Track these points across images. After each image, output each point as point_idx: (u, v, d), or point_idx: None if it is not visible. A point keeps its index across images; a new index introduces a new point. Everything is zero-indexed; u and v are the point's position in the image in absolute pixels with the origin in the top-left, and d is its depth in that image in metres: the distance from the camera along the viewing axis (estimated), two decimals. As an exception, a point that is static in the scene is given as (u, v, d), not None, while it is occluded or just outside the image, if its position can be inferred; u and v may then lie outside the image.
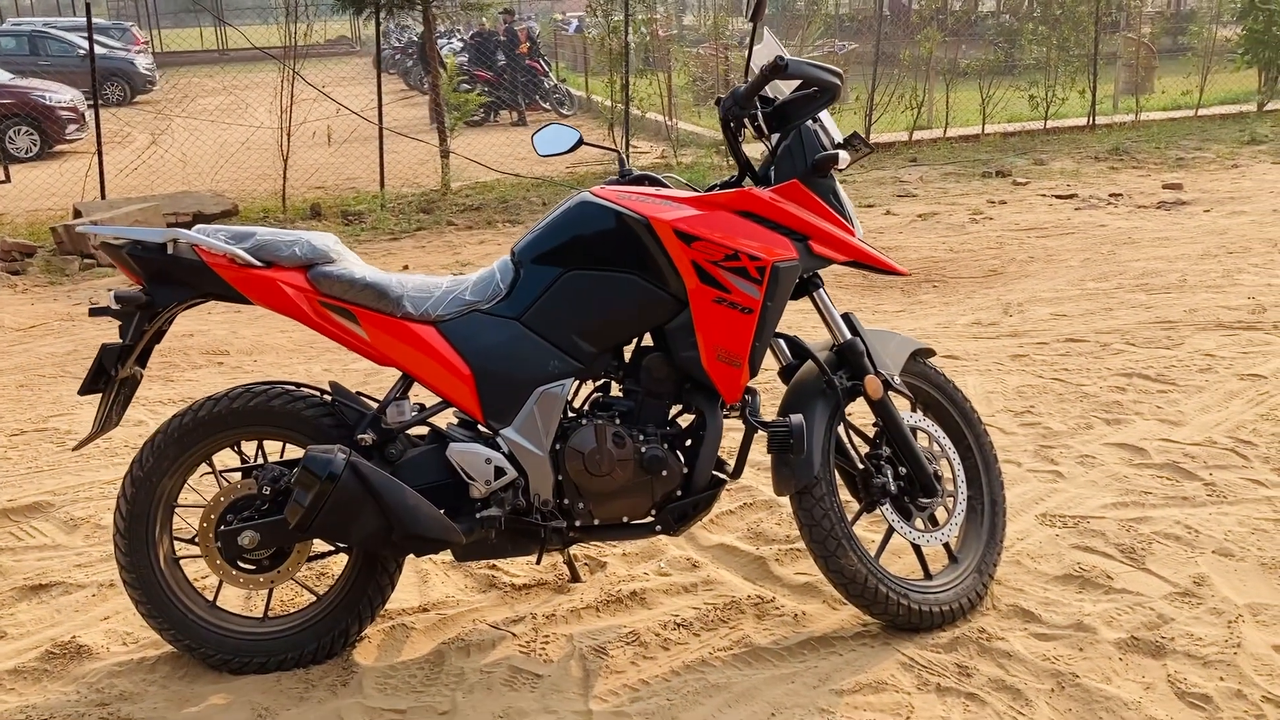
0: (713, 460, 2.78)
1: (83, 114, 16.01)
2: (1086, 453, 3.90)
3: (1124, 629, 2.84)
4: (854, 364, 2.86)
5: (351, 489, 2.54)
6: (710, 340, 2.67)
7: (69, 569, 3.29)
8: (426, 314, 2.70)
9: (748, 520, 3.50)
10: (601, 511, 2.75)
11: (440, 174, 11.06)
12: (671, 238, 2.64)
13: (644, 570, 3.22)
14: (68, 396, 4.92)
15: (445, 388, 2.70)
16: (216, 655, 2.75)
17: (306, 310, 2.67)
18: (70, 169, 12.07)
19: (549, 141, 3.14)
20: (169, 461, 2.72)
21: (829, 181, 2.80)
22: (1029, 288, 6.27)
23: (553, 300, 2.71)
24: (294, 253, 2.67)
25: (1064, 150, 11.56)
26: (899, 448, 2.91)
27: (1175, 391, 4.45)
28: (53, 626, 2.99)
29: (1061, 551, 3.24)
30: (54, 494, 3.80)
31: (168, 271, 2.66)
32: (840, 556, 2.78)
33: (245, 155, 11.83)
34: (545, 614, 3.00)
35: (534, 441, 2.70)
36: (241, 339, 5.80)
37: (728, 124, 2.80)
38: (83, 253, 8.50)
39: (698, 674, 2.73)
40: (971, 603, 2.94)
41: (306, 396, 2.76)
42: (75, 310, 6.75)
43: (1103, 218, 8.21)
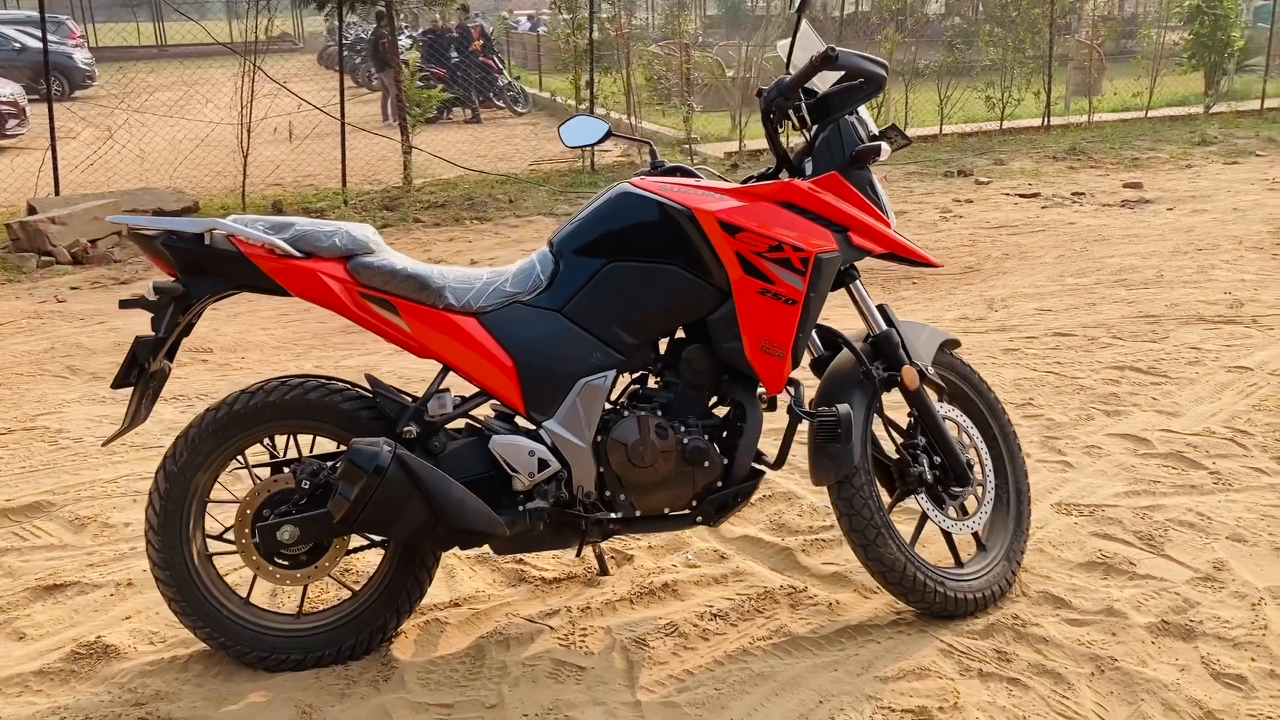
0: (753, 451, 2.78)
1: (24, 109, 15.63)
2: (1091, 443, 3.97)
3: (1153, 613, 2.89)
4: (890, 355, 2.88)
5: (398, 482, 2.50)
6: (754, 331, 2.67)
7: (81, 569, 3.21)
8: (468, 305, 2.67)
9: (768, 512, 3.51)
10: (643, 503, 2.74)
11: (402, 171, 10.95)
12: (716, 229, 2.64)
13: (672, 562, 3.22)
14: (52, 395, 4.79)
15: (487, 380, 2.67)
16: (252, 653, 2.69)
17: (346, 302, 2.62)
18: (16, 165, 11.75)
19: (577, 132, 3.13)
20: (203, 456, 2.67)
21: (867, 173, 2.82)
22: (1009, 284, 6.36)
23: (595, 291, 2.69)
24: (334, 243, 2.62)
25: (1022, 150, 11.76)
26: (933, 437, 2.94)
27: (1168, 383, 4.54)
28: (73, 627, 2.92)
29: (1082, 539, 3.29)
30: (53, 493, 3.70)
31: (204, 262, 2.60)
32: (880, 545, 2.80)
33: (202, 152, 11.61)
34: (579, 607, 2.99)
35: (576, 434, 2.68)
36: (224, 336, 5.69)
37: (769, 115, 2.80)
38: (40, 249, 8.30)
39: (740, 663, 2.73)
40: (1002, 589, 2.98)
41: (343, 389, 2.71)
42: (42, 308, 6.58)
43: (1070, 215, 8.36)
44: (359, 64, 22.18)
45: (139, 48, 31.36)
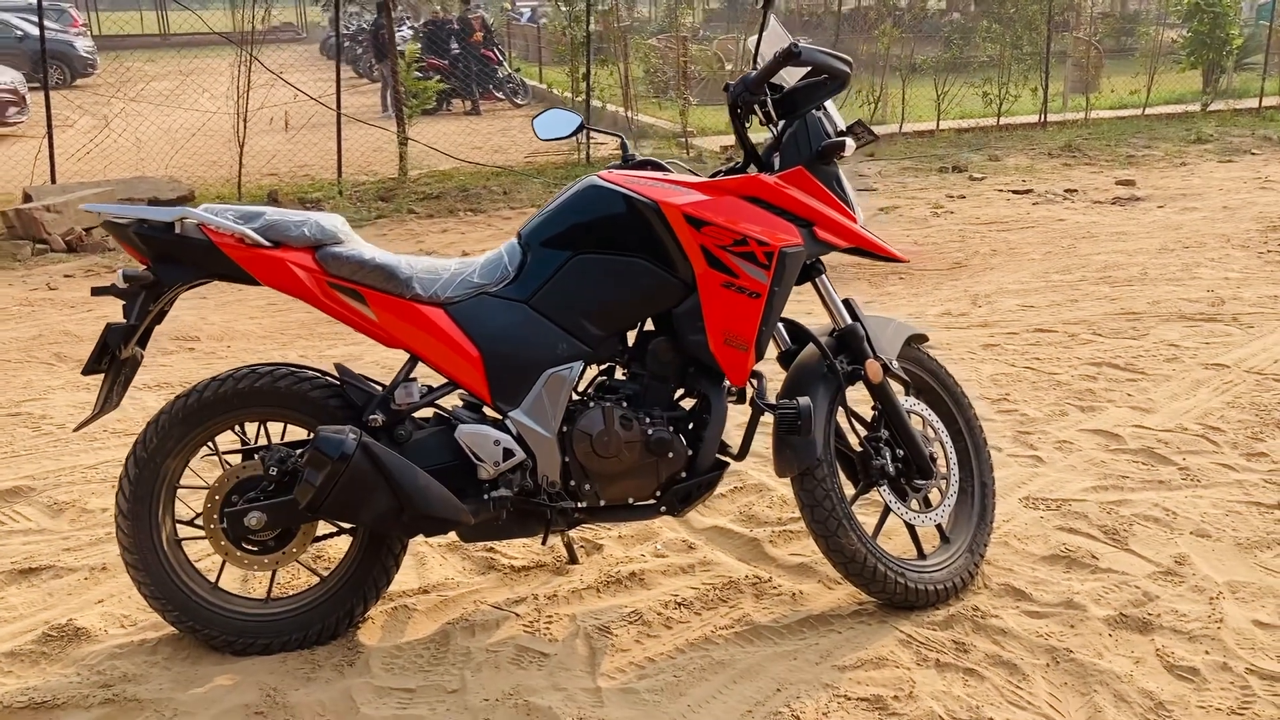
0: (717, 442, 2.82)
1: (23, 96, 15.65)
2: (1064, 438, 4.00)
3: (1112, 606, 2.93)
4: (855, 349, 2.91)
5: (363, 469, 2.54)
6: (718, 324, 2.71)
7: (57, 553, 3.25)
8: (435, 296, 2.71)
9: (739, 503, 3.55)
10: (608, 493, 2.78)
11: (398, 162, 10.98)
12: (681, 222, 2.67)
13: (640, 552, 3.26)
14: (38, 381, 4.84)
15: (454, 370, 2.71)
16: (220, 637, 2.73)
17: (314, 291, 2.66)
18: (13, 153, 11.81)
19: (550, 125, 3.15)
20: (173, 442, 2.70)
21: (833, 168, 2.86)
22: (994, 280, 6.40)
23: (561, 283, 2.73)
24: (303, 233, 2.66)
25: (1017, 146, 11.78)
26: (896, 430, 2.97)
27: (1144, 380, 4.57)
28: (46, 610, 2.96)
29: (1047, 533, 3.33)
30: (33, 478, 3.74)
31: (174, 251, 2.63)
32: (841, 536, 2.83)
33: (198, 141, 11.64)
34: (546, 595, 3.02)
35: (542, 423, 2.72)
36: (211, 325, 5.73)
37: (735, 110, 2.84)
38: (35, 237, 8.33)
39: (702, 651, 2.77)
40: (965, 581, 3.02)
41: (312, 378, 2.75)
42: (34, 295, 6.63)
43: (1060, 212, 8.39)
44: (360, 54, 22.20)
45: (141, 36, 31.39)
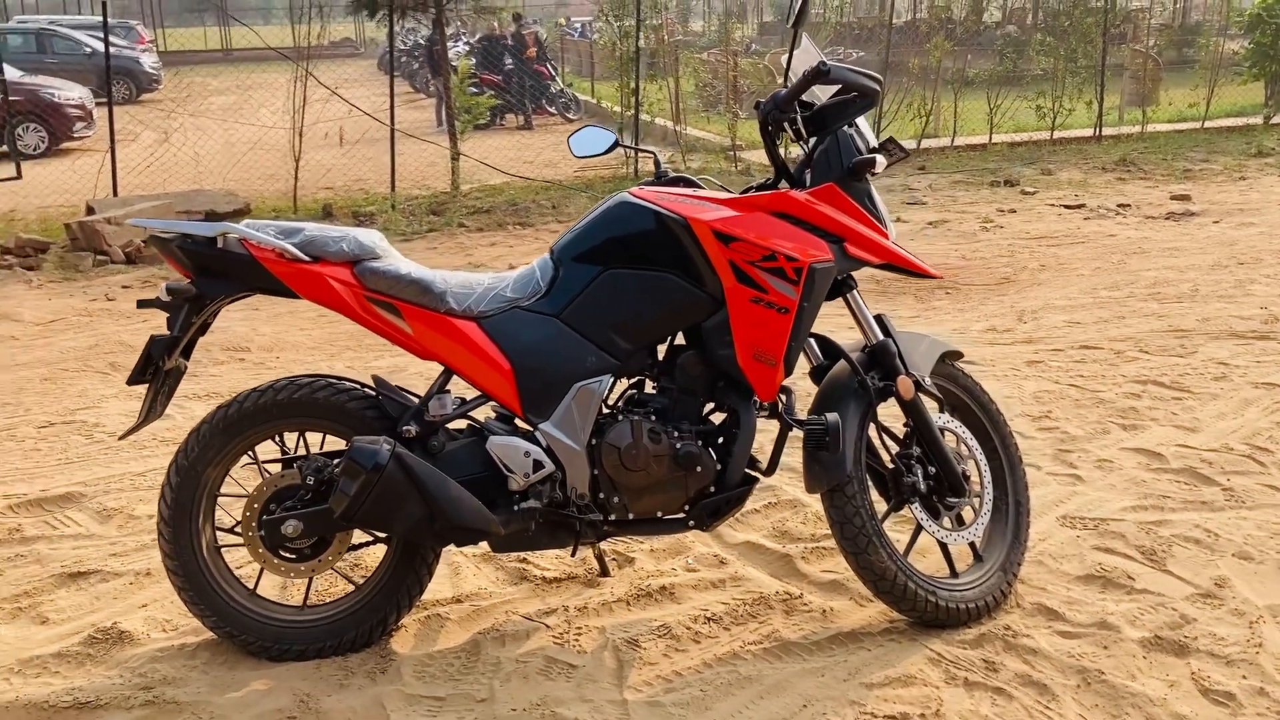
0: (746, 457, 2.83)
1: (90, 111, 16.05)
2: (1104, 457, 3.96)
3: (1147, 628, 2.89)
4: (886, 365, 2.91)
5: (396, 479, 2.59)
6: (746, 339, 2.72)
7: (105, 557, 3.34)
8: (469, 310, 2.75)
9: (773, 519, 3.55)
10: (636, 506, 2.80)
11: (450, 176, 11.12)
12: (710, 238, 2.70)
13: (672, 566, 3.28)
14: (93, 390, 4.97)
15: (486, 382, 2.75)
16: (257, 642, 2.80)
17: (352, 304, 2.71)
18: (78, 166, 12.12)
19: (585, 143, 3.19)
20: (214, 451, 2.77)
21: (864, 185, 2.86)
22: (1042, 295, 6.33)
23: (591, 298, 2.76)
24: (341, 248, 2.72)
25: (1071, 160, 11.64)
26: (928, 447, 2.96)
27: (1190, 399, 4.51)
28: (93, 613, 3.04)
29: (1083, 552, 3.29)
30: (85, 485, 3.85)
31: (216, 265, 2.71)
32: (870, 553, 2.83)
33: (256, 155, 11.88)
34: (577, 606, 3.05)
35: (571, 436, 2.75)
36: (262, 336, 5.85)
37: (766, 127, 2.86)
38: (96, 249, 8.54)
39: (729, 666, 2.78)
40: (996, 600, 3.00)
41: (350, 389, 2.81)
42: (93, 306, 6.80)
43: (1112, 228, 8.28)
44: (416, 70, 22.51)
45: (205, 52, 32.10)
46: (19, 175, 11.58)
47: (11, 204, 10.82)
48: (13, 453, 4.20)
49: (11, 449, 4.24)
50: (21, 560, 3.33)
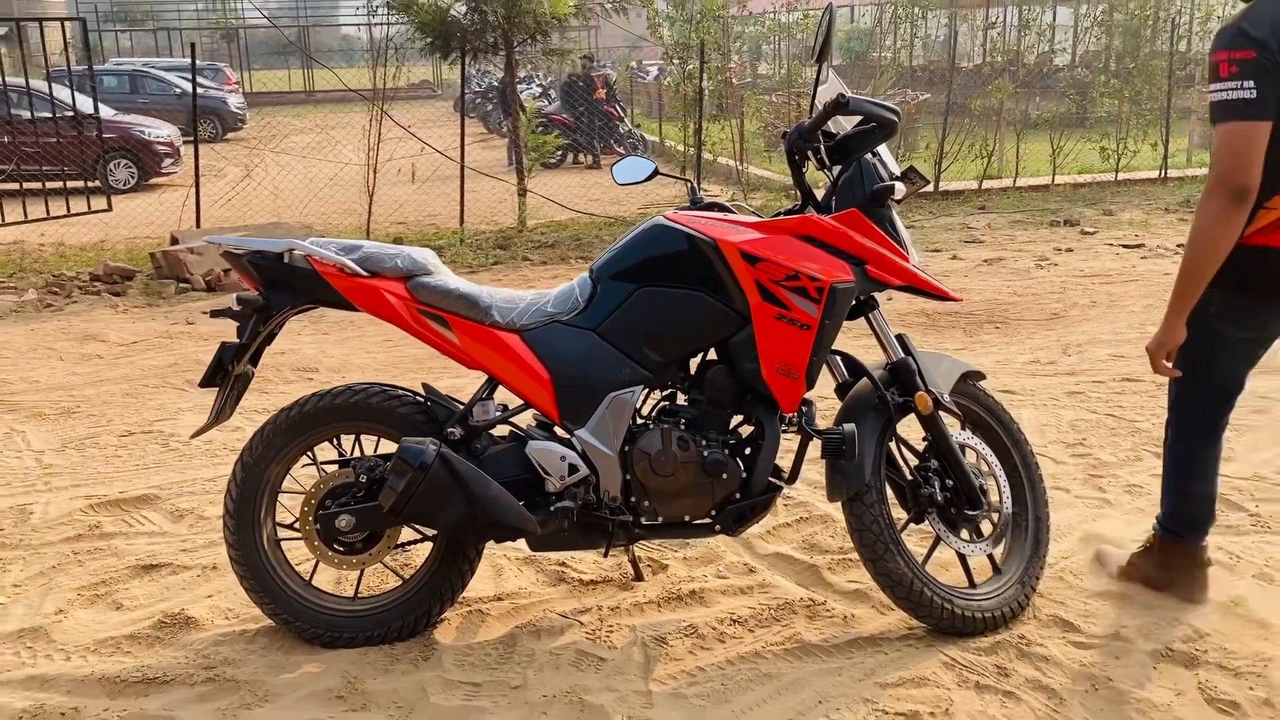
0: (770, 466, 2.99)
1: (178, 149, 16.74)
2: (1134, 482, 4.04)
3: (1159, 641, 2.98)
4: (906, 381, 3.06)
5: (441, 478, 2.80)
6: (770, 354, 2.89)
7: (175, 553, 3.59)
8: (512, 323, 2.97)
9: (803, 532, 3.70)
10: (665, 510, 2.98)
11: (517, 212, 11.44)
12: (737, 258, 2.88)
13: (703, 573, 3.43)
14: (170, 404, 5.28)
15: (526, 390, 2.95)
16: (311, 629, 3.01)
17: (405, 316, 2.94)
18: (165, 200, 12.70)
19: (627, 171, 3.41)
20: (276, 450, 3.01)
21: (886, 211, 3.02)
22: (1089, 330, 6.39)
23: (626, 314, 2.96)
24: (396, 264, 2.95)
25: (1134, 202, 11.62)
26: (946, 461, 3.10)
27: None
28: (163, 601, 3.29)
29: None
30: (160, 488, 4.12)
31: (283, 278, 2.95)
32: (888, 560, 2.97)
33: (332, 190, 12.34)
34: (610, 607, 3.22)
35: (605, 442, 2.94)
36: (330, 357, 6.13)
37: (793, 156, 3.05)
38: (179, 277, 8.96)
39: (750, 664, 2.93)
40: (1013, 611, 3.11)
41: (400, 395, 3.03)
42: (173, 329, 7.16)
43: (1167, 266, 8.29)
44: (490, 111, 23.08)
45: (289, 93, 33.21)
46: (109, 208, 12.17)
47: (102, 234, 11.37)
48: (95, 458, 4.50)
49: (94, 455, 4.54)
50: (100, 553, 3.60)
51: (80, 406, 5.24)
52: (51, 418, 5.08)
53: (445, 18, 10.98)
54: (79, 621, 3.17)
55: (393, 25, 11.86)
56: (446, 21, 10.98)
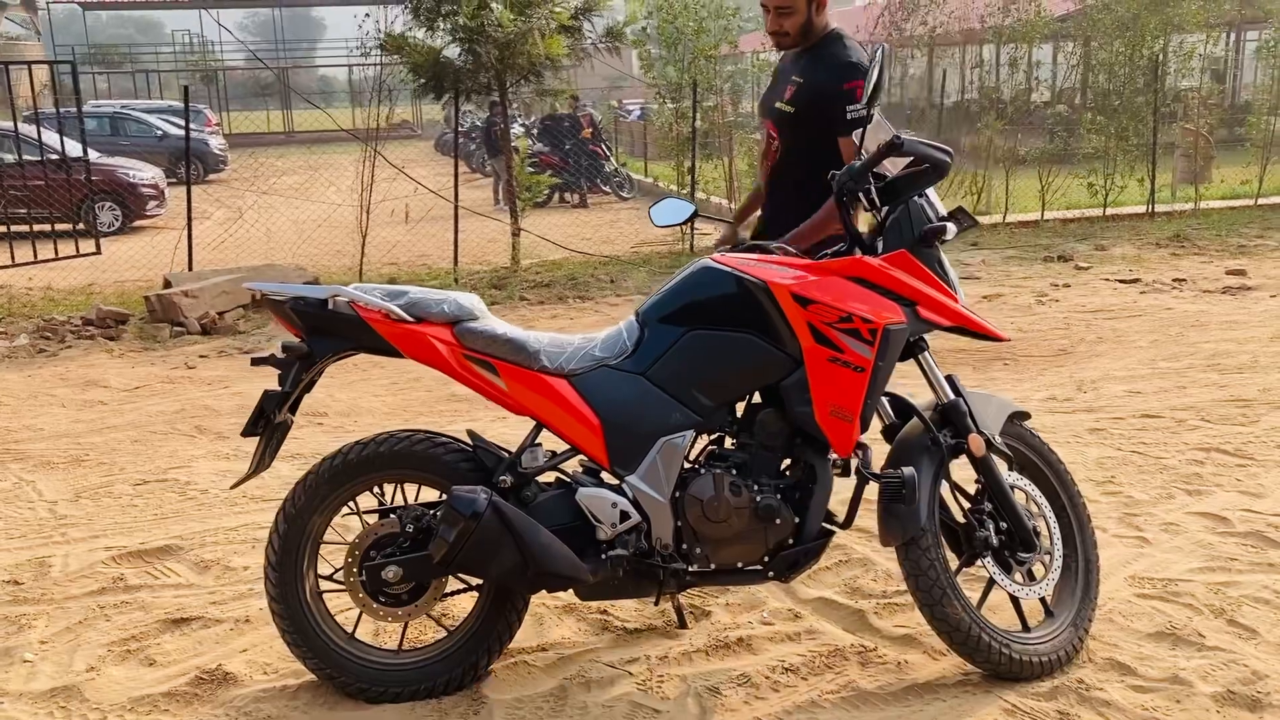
0: (823, 511, 2.95)
1: (163, 191, 16.67)
2: (1170, 520, 4.02)
3: (1219, 683, 2.94)
4: (957, 423, 3.03)
5: (493, 527, 2.74)
6: (824, 396, 2.86)
7: (205, 605, 3.50)
8: (560, 368, 2.92)
9: (844, 576, 3.65)
10: (718, 556, 2.92)
11: (511, 252, 11.42)
12: (789, 301, 2.85)
13: (748, 619, 3.38)
14: (182, 451, 5.18)
15: (576, 436, 2.90)
16: (355, 684, 2.93)
17: (451, 362, 2.88)
18: (151, 243, 12.59)
19: (665, 213, 3.39)
20: (320, 500, 2.94)
21: (935, 251, 3.01)
22: (1101, 366, 6.40)
23: (675, 357, 2.92)
24: (443, 310, 2.90)
25: (1124, 236, 11.71)
26: (999, 504, 3.06)
27: (1254, 465, 4.55)
28: (197, 656, 3.20)
29: (1152, 611, 3.35)
30: (181, 538, 4.03)
31: (327, 325, 2.90)
32: (945, 605, 2.92)
33: (323, 232, 12.28)
34: (658, 656, 3.16)
35: (656, 488, 2.89)
36: (338, 401, 6.06)
37: (841, 197, 3.02)
38: (173, 320, 8.86)
39: (808, 714, 2.87)
40: (1069, 655, 3.06)
41: (446, 442, 2.97)
42: (174, 373, 7.07)
43: (1169, 301, 8.34)
44: (473, 150, 23.12)
45: (269, 134, 33.18)
46: (99, 251, 12.06)
47: (90, 278, 11.26)
48: (110, 508, 4.40)
49: (109, 505, 4.44)
50: (127, 607, 3.51)
51: (89, 455, 5.15)
52: (61, 467, 4.98)
53: (438, 59, 10.99)
54: (112, 679, 3.07)
55: (384, 66, 11.86)
56: (439, 63, 10.99)
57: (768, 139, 3.68)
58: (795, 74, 3.54)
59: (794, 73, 3.55)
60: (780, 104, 3.55)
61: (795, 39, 3.53)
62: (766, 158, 3.70)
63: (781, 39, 3.55)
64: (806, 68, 3.52)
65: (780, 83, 3.63)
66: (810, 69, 3.50)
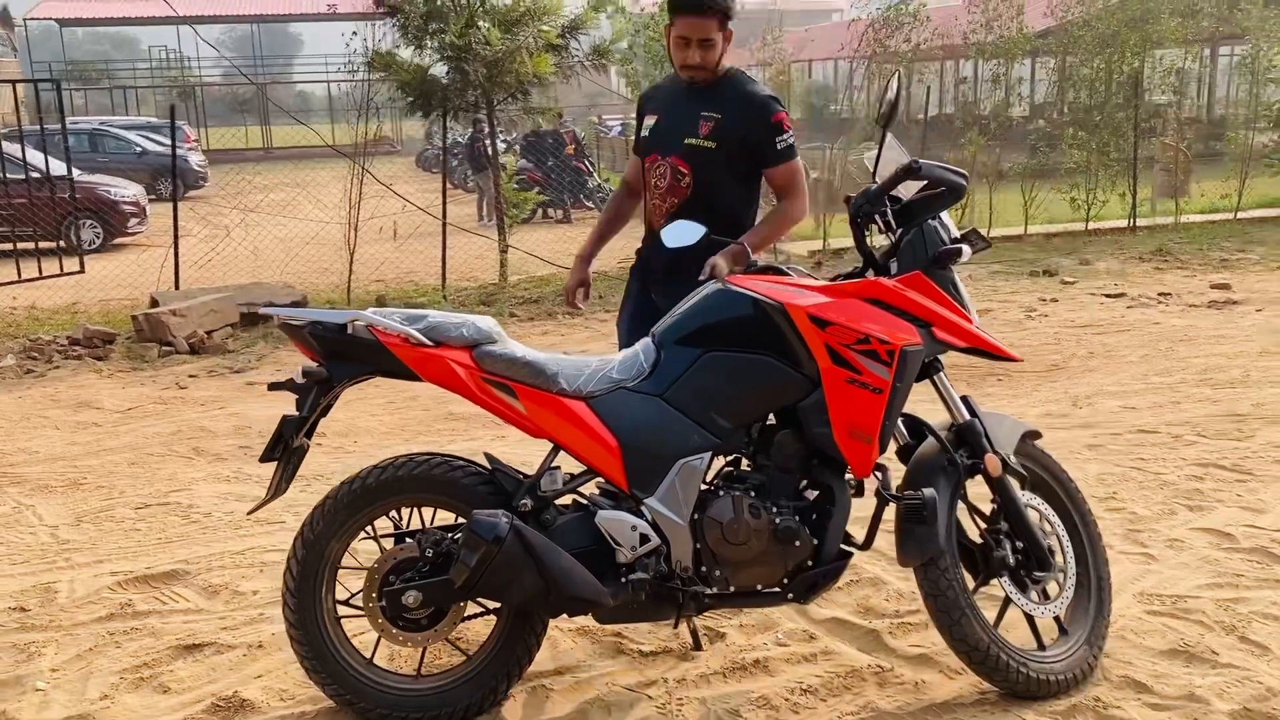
0: (841, 532, 2.96)
1: (144, 208, 16.57)
2: (1174, 536, 4.05)
3: (1235, 700, 2.97)
4: (973, 443, 3.05)
5: (514, 552, 2.73)
6: (843, 417, 2.87)
7: (216, 631, 3.48)
8: (579, 390, 2.92)
9: (856, 596, 3.66)
10: (737, 579, 2.93)
11: (499, 268, 11.40)
12: (806, 322, 2.86)
13: (762, 640, 3.38)
14: (181, 473, 5.15)
15: (595, 459, 2.90)
16: (375, 710, 2.91)
17: (470, 386, 2.88)
18: (133, 261, 12.52)
19: (677, 235, 3.37)
20: (338, 525, 2.93)
21: (949, 273, 3.03)
22: (1094, 381, 6.45)
23: (693, 379, 2.92)
24: (461, 334, 2.90)
25: (1107, 251, 11.81)
26: (1015, 523, 3.08)
27: (1253, 481, 4.60)
28: (211, 683, 3.17)
29: (1164, 628, 3.37)
30: (187, 562, 4.00)
31: (345, 350, 2.89)
32: (965, 625, 2.94)
33: (309, 249, 12.23)
34: (675, 679, 3.16)
35: (675, 511, 2.89)
36: (336, 422, 6.03)
37: (856, 220, 3.05)
38: (161, 340, 8.80)
39: (829, 736, 2.87)
40: (1084, 673, 3.08)
41: (464, 466, 2.97)
42: (166, 394, 7.02)
43: (1156, 316, 8.42)
44: (455, 166, 23.10)
45: (247, 150, 33.04)
46: (82, 269, 11.98)
47: (74, 296, 11.18)
48: (113, 532, 4.37)
49: (112, 529, 4.41)
50: (136, 633, 3.48)
51: (87, 478, 5.10)
52: (59, 490, 4.93)
53: (425, 76, 11.00)
54: (127, 707, 3.05)
55: (371, 83, 11.84)
56: (427, 80, 10.99)
57: (673, 174, 3.60)
58: (706, 109, 3.54)
59: (702, 109, 3.54)
60: (695, 140, 3.55)
61: (709, 73, 3.55)
62: (670, 194, 3.61)
63: (697, 72, 3.53)
64: (721, 103, 3.54)
65: (683, 119, 3.58)
66: (727, 104, 3.54)
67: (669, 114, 3.67)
